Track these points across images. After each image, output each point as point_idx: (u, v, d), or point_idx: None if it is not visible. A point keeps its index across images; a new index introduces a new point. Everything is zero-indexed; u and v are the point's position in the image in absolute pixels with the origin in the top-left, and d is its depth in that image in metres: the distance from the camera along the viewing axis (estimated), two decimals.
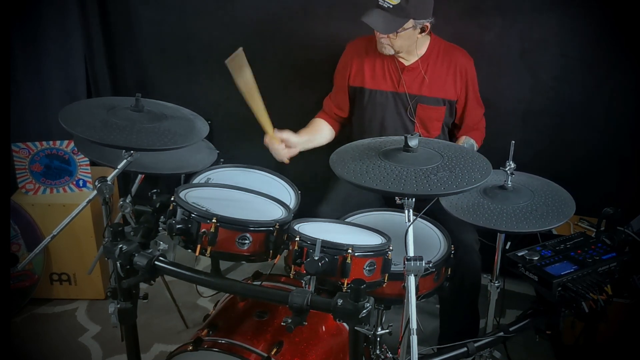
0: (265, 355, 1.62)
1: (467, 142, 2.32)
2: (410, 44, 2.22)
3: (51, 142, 2.60)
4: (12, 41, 2.76)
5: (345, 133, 2.50)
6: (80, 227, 2.59)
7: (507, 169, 1.73)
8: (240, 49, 1.93)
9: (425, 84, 2.29)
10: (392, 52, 2.22)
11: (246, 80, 1.99)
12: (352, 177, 1.47)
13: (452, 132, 2.44)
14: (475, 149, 2.34)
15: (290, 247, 1.65)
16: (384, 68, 2.32)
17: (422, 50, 2.30)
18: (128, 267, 1.61)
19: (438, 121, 2.33)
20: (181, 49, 2.95)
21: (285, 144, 2.21)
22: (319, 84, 2.63)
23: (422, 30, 2.20)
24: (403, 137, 1.55)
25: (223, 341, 1.68)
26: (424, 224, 1.99)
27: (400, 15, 2.10)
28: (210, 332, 1.72)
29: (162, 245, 1.64)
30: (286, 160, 2.25)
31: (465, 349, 1.70)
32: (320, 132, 2.43)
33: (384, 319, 1.83)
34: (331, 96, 2.49)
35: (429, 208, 1.59)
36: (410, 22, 2.13)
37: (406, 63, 2.30)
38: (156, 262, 1.58)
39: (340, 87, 2.43)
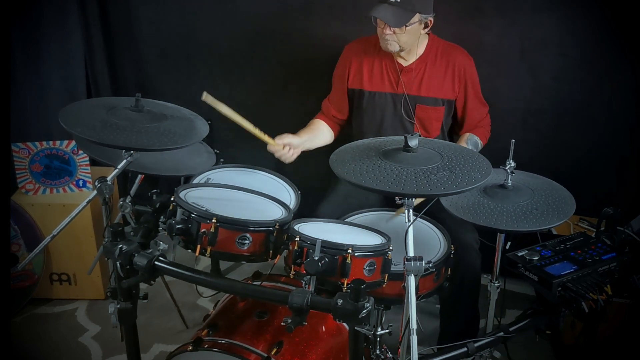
0: (265, 355, 1.62)
1: (471, 139, 2.32)
2: (414, 40, 2.22)
3: (51, 142, 2.60)
4: (12, 41, 2.76)
5: (345, 134, 2.50)
6: (80, 227, 2.59)
7: (507, 168, 1.73)
8: (204, 93, 1.94)
9: (423, 85, 2.29)
10: (397, 48, 2.20)
11: (226, 110, 2.00)
12: (352, 177, 1.47)
13: (455, 131, 2.44)
14: (480, 146, 2.34)
15: (290, 247, 1.65)
16: (382, 69, 2.32)
17: (421, 50, 2.30)
18: (128, 267, 1.61)
19: (437, 121, 2.33)
20: (181, 49, 2.95)
21: (289, 146, 2.21)
22: (319, 83, 2.63)
23: (426, 25, 2.20)
24: (403, 137, 1.55)
25: (223, 341, 1.68)
26: (423, 224, 1.99)
27: (407, 9, 2.11)
28: (210, 332, 1.72)
29: (162, 245, 1.64)
30: (292, 160, 2.25)
31: (465, 349, 1.70)
32: (321, 132, 2.43)
33: (384, 319, 1.84)
34: (330, 99, 2.48)
35: (429, 208, 1.59)
36: (417, 17, 2.13)
37: (404, 64, 2.30)
38: (156, 262, 1.58)
39: (339, 89, 2.43)
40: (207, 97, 1.95)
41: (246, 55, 2.88)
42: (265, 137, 2.12)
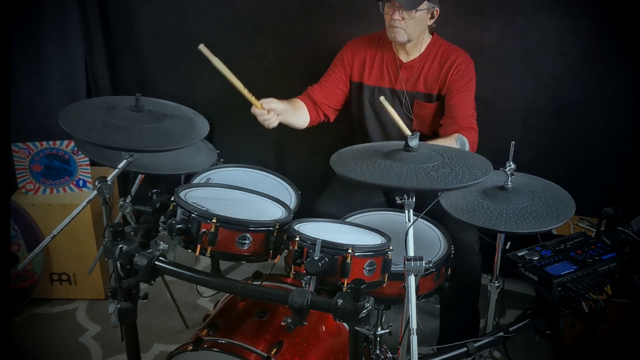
0: (265, 355, 1.62)
1: (460, 139, 2.23)
2: (421, 31, 2.22)
3: (51, 142, 2.60)
4: (12, 41, 2.76)
5: (344, 135, 2.49)
6: (80, 227, 2.59)
7: (507, 170, 1.73)
8: (201, 45, 1.93)
9: (420, 81, 2.29)
10: (405, 38, 2.18)
11: (219, 66, 1.98)
12: (353, 174, 1.47)
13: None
14: (467, 147, 2.21)
15: (290, 247, 1.65)
16: (382, 65, 2.33)
17: (423, 47, 2.30)
18: (128, 267, 1.61)
19: (435, 117, 2.32)
20: (181, 49, 2.95)
21: (273, 113, 2.17)
22: None
23: (432, 16, 2.22)
24: (403, 139, 1.55)
25: (223, 341, 1.68)
26: (424, 224, 1.99)
27: None
28: (210, 332, 1.72)
29: (162, 245, 1.64)
30: (274, 126, 2.21)
31: (465, 349, 1.70)
32: (299, 110, 2.37)
33: (384, 319, 1.83)
34: (323, 88, 2.42)
35: (430, 208, 1.59)
36: (425, 4, 2.15)
37: (405, 60, 2.30)
38: (156, 262, 1.58)
39: (342, 80, 2.41)
40: (203, 48, 1.93)
41: (246, 55, 2.89)
42: (252, 99, 2.10)
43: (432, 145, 1.76)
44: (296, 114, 2.36)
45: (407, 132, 1.75)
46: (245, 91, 2.05)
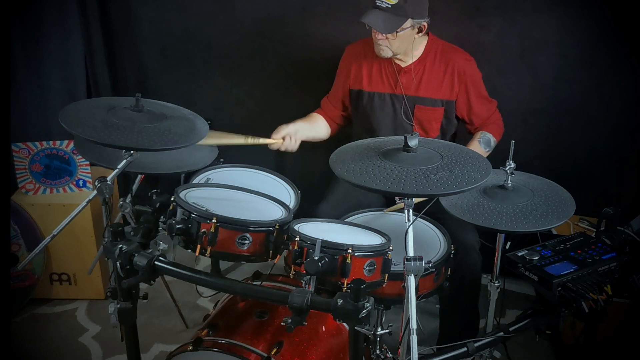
0: (265, 355, 1.63)
1: (483, 137, 2.29)
2: (408, 45, 2.22)
3: (51, 142, 2.60)
4: (12, 41, 2.76)
5: (345, 134, 2.50)
6: (80, 227, 2.59)
7: (507, 169, 1.73)
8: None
9: (422, 85, 2.28)
10: (390, 54, 2.21)
11: (214, 138, 2.05)
12: (352, 177, 1.47)
13: (467, 130, 2.42)
14: (493, 142, 2.31)
15: (290, 247, 1.65)
16: (381, 70, 2.32)
17: (419, 51, 2.29)
18: (128, 267, 1.61)
19: (436, 122, 2.32)
20: (181, 49, 2.95)
21: (288, 137, 2.24)
22: (318, 83, 2.63)
23: (420, 30, 2.20)
24: (403, 137, 1.55)
25: (223, 341, 1.68)
26: (424, 224, 1.99)
27: (399, 15, 2.10)
28: (210, 332, 1.72)
29: (162, 245, 1.64)
30: (296, 147, 2.30)
31: (465, 349, 1.70)
32: (317, 125, 2.45)
33: (384, 319, 1.83)
34: (330, 99, 2.48)
35: (429, 208, 1.59)
36: (409, 22, 2.13)
37: (403, 65, 2.30)
38: (156, 262, 1.58)
39: (340, 89, 2.44)
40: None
41: (246, 55, 2.89)
42: (262, 141, 2.14)
43: (432, 144, 1.76)
44: (314, 128, 2.42)
45: None
46: (250, 140, 2.13)
